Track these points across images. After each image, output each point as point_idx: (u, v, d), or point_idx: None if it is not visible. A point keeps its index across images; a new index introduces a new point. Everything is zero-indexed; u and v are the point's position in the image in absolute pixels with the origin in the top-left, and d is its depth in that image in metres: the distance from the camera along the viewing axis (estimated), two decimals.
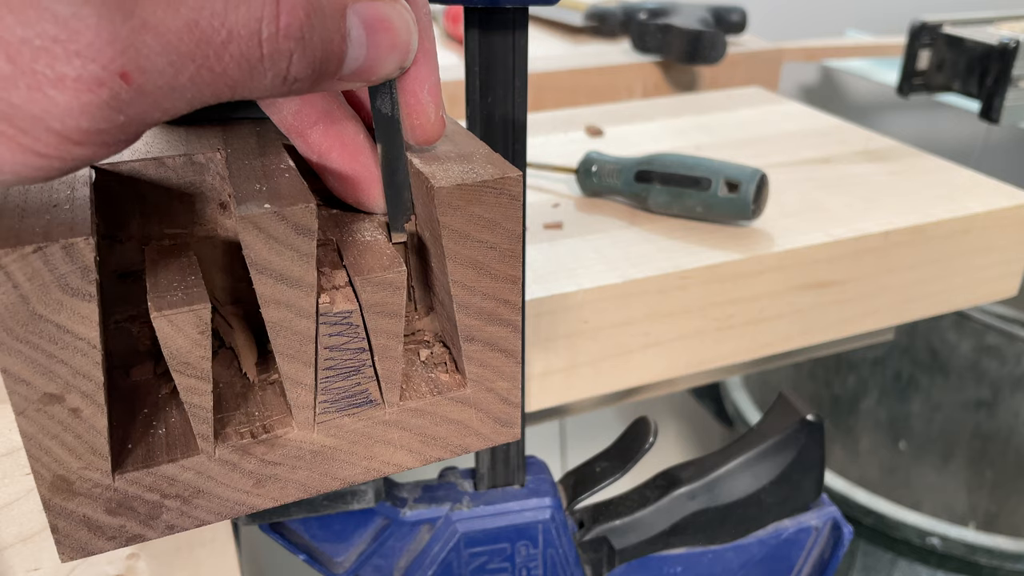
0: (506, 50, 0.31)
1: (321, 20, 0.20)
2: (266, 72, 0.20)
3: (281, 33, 0.19)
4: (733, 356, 0.53)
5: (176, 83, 0.18)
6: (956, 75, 0.78)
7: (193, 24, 0.18)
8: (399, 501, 0.41)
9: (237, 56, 0.19)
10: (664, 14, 0.91)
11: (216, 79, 0.19)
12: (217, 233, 0.30)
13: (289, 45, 0.20)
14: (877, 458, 1.40)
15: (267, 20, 0.19)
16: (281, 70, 0.20)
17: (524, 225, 0.27)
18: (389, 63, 0.23)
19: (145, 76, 0.18)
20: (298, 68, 0.20)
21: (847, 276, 0.54)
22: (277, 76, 0.20)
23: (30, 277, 0.21)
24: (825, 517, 0.46)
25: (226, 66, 0.19)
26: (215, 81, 0.19)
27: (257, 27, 0.19)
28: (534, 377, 0.47)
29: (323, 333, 0.25)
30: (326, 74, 0.21)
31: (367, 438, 0.27)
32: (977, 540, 0.89)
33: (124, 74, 0.17)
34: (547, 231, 0.54)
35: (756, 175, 0.51)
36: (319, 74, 0.21)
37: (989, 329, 1.24)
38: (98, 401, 0.23)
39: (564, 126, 0.73)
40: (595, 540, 0.43)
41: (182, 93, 0.19)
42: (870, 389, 1.38)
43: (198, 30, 0.18)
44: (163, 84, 0.18)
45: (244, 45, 0.19)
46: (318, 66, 0.21)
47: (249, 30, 0.19)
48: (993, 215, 0.57)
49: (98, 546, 0.25)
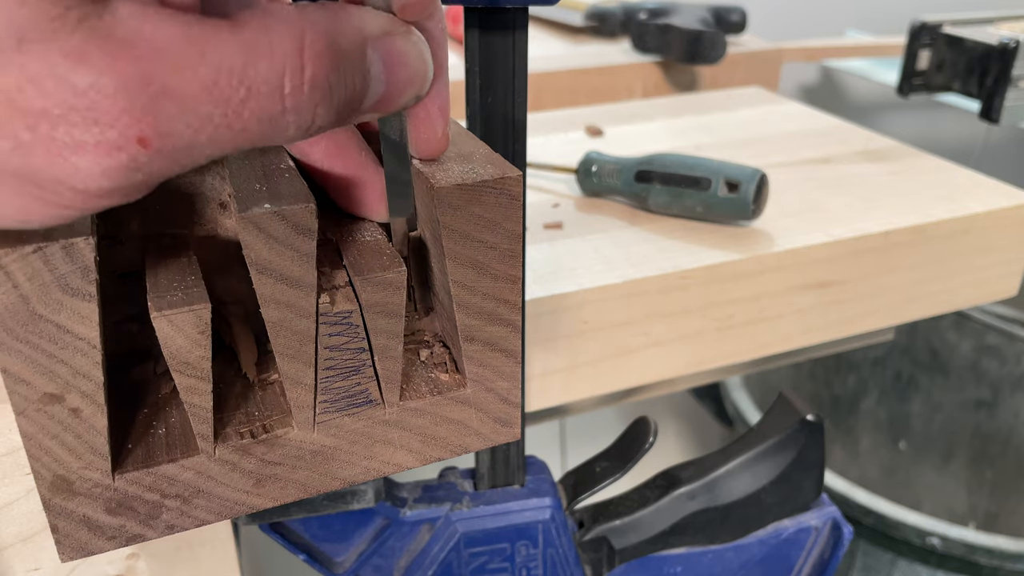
0: (506, 50, 0.31)
1: (345, 65, 0.20)
2: (288, 125, 0.19)
3: (307, 85, 0.19)
4: (733, 356, 0.53)
5: (195, 142, 0.18)
6: (956, 75, 0.78)
7: (212, 85, 0.18)
8: (399, 501, 0.41)
9: (258, 112, 0.19)
10: (664, 14, 0.91)
11: (236, 135, 0.19)
12: (217, 233, 0.30)
13: (315, 96, 0.19)
14: (877, 458, 1.40)
15: (290, 73, 0.19)
16: (306, 121, 0.20)
17: (524, 225, 0.27)
18: (407, 96, 0.23)
19: (164, 139, 0.18)
20: (324, 118, 0.20)
21: (847, 276, 0.54)
22: (300, 128, 0.20)
23: (30, 277, 0.21)
24: (825, 517, 0.46)
25: (246, 123, 0.19)
26: (234, 137, 0.19)
27: (279, 82, 0.19)
28: (534, 377, 0.47)
29: (323, 333, 0.25)
30: (348, 113, 0.21)
31: (367, 438, 0.27)
32: (977, 540, 0.89)
33: (142, 139, 0.18)
34: (547, 231, 0.54)
35: (756, 175, 0.51)
36: (340, 117, 0.21)
37: (989, 329, 1.24)
38: (98, 401, 0.23)
39: (564, 126, 0.73)
40: (595, 540, 0.43)
41: (201, 150, 0.19)
42: (870, 389, 1.38)
43: (216, 90, 0.18)
44: (182, 144, 0.18)
45: (265, 101, 0.19)
46: (341, 110, 0.21)
47: (270, 86, 0.19)
48: (993, 215, 0.57)
49: (98, 546, 0.25)
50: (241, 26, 0.19)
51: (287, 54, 0.19)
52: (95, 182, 0.18)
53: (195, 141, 0.18)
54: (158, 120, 0.18)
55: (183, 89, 0.18)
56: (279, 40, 0.19)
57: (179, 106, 0.18)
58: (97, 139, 0.17)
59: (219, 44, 0.18)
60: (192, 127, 0.18)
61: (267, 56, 0.19)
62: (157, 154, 0.18)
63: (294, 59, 0.19)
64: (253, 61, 0.18)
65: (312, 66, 0.19)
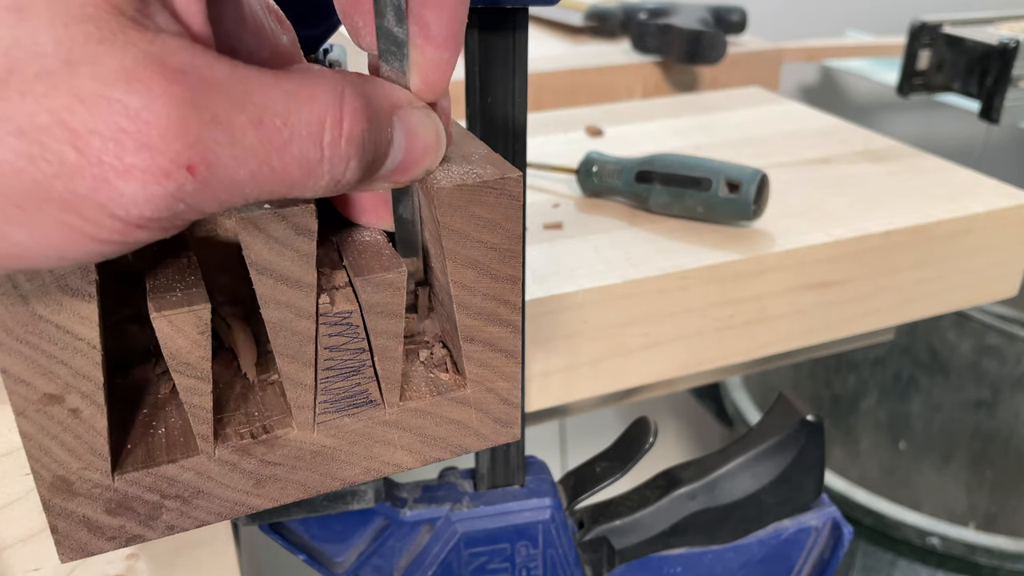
0: (506, 50, 0.31)
1: (377, 128, 0.21)
2: (324, 175, 0.20)
3: (344, 138, 0.20)
4: (733, 356, 0.53)
5: (238, 177, 0.18)
6: (956, 75, 0.78)
7: (257, 121, 0.18)
8: (399, 501, 0.41)
9: (298, 156, 0.19)
10: (664, 14, 0.91)
11: (275, 177, 0.19)
12: (217, 233, 0.30)
13: (351, 151, 0.20)
14: (877, 458, 1.40)
15: (330, 124, 0.19)
16: (338, 174, 0.20)
17: (524, 225, 0.27)
18: (421, 167, 0.24)
19: (210, 169, 0.18)
20: (353, 173, 0.21)
21: (847, 276, 0.54)
22: (333, 179, 0.20)
23: (30, 277, 0.21)
24: (825, 517, 0.46)
25: (287, 165, 0.19)
26: (274, 179, 0.19)
27: (319, 130, 0.19)
28: (534, 377, 0.47)
29: (323, 333, 0.25)
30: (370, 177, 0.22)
31: (367, 438, 0.27)
32: (977, 540, 0.89)
33: (191, 167, 0.18)
34: (547, 231, 0.54)
35: (757, 175, 0.51)
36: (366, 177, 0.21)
37: (989, 329, 1.24)
38: (98, 401, 0.23)
39: (564, 126, 0.73)
40: (595, 540, 0.43)
41: (241, 188, 0.19)
42: (870, 389, 1.38)
43: (262, 128, 0.18)
44: (225, 177, 0.18)
45: (305, 146, 0.19)
46: (368, 170, 0.21)
47: (311, 131, 0.19)
48: (993, 215, 0.57)
49: (98, 546, 0.25)
50: (284, 76, 0.19)
51: (328, 105, 0.19)
52: (138, 209, 0.17)
53: (238, 177, 0.18)
54: (207, 148, 0.18)
55: (232, 120, 0.18)
56: (321, 93, 0.19)
57: (228, 137, 0.18)
58: (147, 163, 0.17)
59: (265, 86, 0.19)
60: (238, 160, 0.18)
61: (309, 104, 0.19)
62: (203, 185, 0.18)
63: (335, 111, 0.20)
64: (296, 107, 0.19)
65: (350, 121, 0.20)
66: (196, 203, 0.18)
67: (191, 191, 0.18)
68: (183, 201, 0.18)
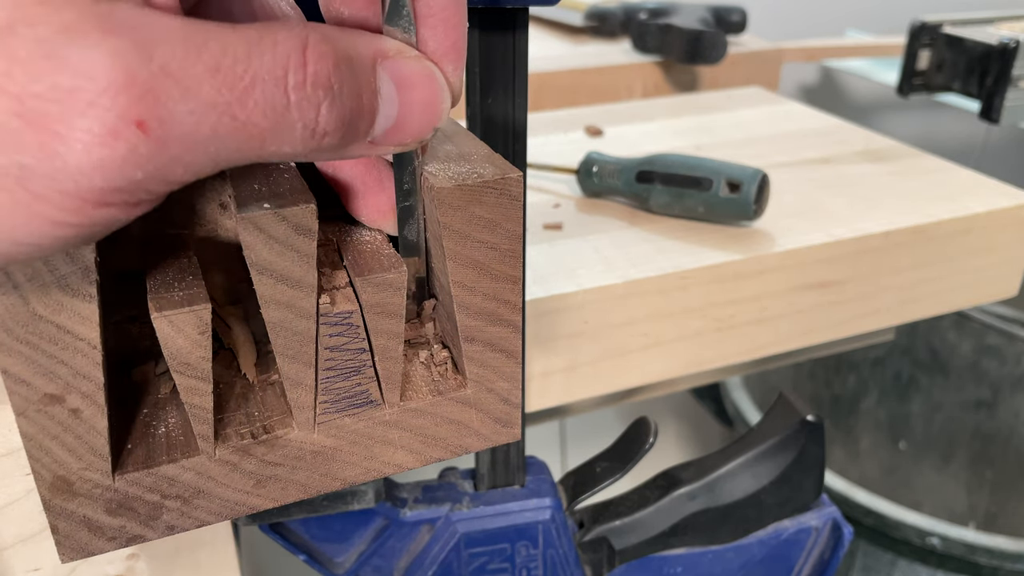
0: (506, 50, 0.31)
1: (351, 72, 0.20)
2: (295, 123, 0.19)
3: (309, 80, 0.19)
4: (733, 356, 0.53)
5: (198, 134, 0.17)
6: (956, 75, 0.78)
7: (215, 69, 0.17)
8: (399, 501, 0.41)
9: (262, 102, 0.18)
10: (664, 14, 0.91)
11: (240, 129, 0.18)
12: (217, 233, 0.30)
13: (318, 93, 0.19)
14: (877, 458, 1.40)
15: (293, 68, 0.18)
16: (310, 120, 0.19)
17: (524, 225, 0.27)
18: (422, 123, 0.22)
19: (164, 126, 0.17)
20: (327, 120, 0.19)
21: (848, 276, 0.54)
22: (307, 128, 0.19)
23: (30, 277, 0.21)
24: (825, 517, 0.46)
25: (250, 113, 0.18)
26: (239, 132, 0.18)
27: (283, 74, 0.18)
28: (534, 377, 0.47)
29: (323, 334, 0.25)
30: (358, 132, 0.20)
31: (367, 438, 0.27)
32: (977, 540, 0.89)
33: (141, 123, 0.16)
34: (547, 231, 0.54)
35: (757, 175, 0.51)
36: (350, 131, 0.20)
37: (989, 329, 1.24)
38: (98, 402, 0.23)
39: (564, 126, 0.73)
40: (595, 540, 0.43)
41: (205, 146, 0.18)
42: (870, 389, 1.38)
43: (220, 74, 0.17)
44: (184, 135, 0.17)
45: (269, 91, 0.18)
46: (349, 120, 0.20)
47: (275, 76, 0.18)
48: (993, 215, 0.57)
49: (98, 546, 0.25)
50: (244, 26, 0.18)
51: (291, 50, 0.18)
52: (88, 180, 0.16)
53: (199, 134, 0.17)
54: (159, 102, 0.16)
55: (186, 69, 0.17)
56: (284, 38, 0.18)
57: (181, 88, 0.17)
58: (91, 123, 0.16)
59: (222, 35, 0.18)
60: (196, 115, 0.17)
61: (271, 49, 0.18)
62: (159, 146, 0.17)
63: (297, 55, 0.18)
64: (257, 52, 0.18)
65: (315, 63, 0.19)
66: (156, 168, 0.17)
67: (146, 153, 0.17)
68: (139, 166, 0.17)
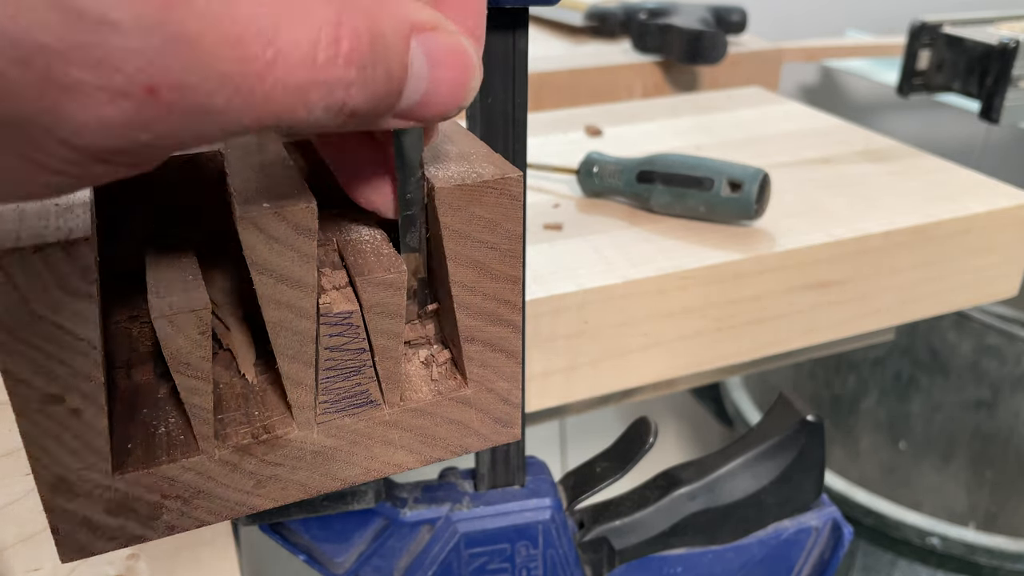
0: (506, 50, 0.31)
1: (384, 49, 0.18)
2: (317, 102, 0.18)
3: (342, 59, 0.17)
4: (733, 356, 0.53)
5: (211, 105, 0.16)
6: (956, 75, 0.78)
7: (236, 40, 0.16)
8: (399, 501, 0.41)
9: (284, 80, 0.17)
10: (664, 14, 0.91)
11: (256, 105, 0.17)
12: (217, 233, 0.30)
13: (349, 74, 0.18)
14: (877, 458, 1.40)
15: (324, 44, 0.17)
16: (336, 101, 0.18)
17: (524, 225, 0.27)
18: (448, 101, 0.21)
19: (175, 93, 0.16)
20: (357, 100, 0.18)
21: (848, 276, 0.54)
22: (331, 108, 0.18)
23: (30, 277, 0.21)
24: (825, 517, 0.46)
25: (269, 91, 0.17)
26: (255, 107, 0.17)
27: (312, 51, 0.17)
28: (534, 377, 0.47)
29: (324, 334, 0.25)
30: (383, 109, 0.19)
31: (367, 438, 0.27)
32: (977, 540, 0.89)
33: (151, 88, 0.15)
34: (547, 231, 0.54)
35: (759, 175, 0.51)
36: (376, 108, 0.19)
37: (989, 329, 1.24)
38: (98, 402, 0.23)
39: (564, 126, 0.73)
40: (595, 540, 0.43)
41: (216, 117, 0.16)
42: (870, 389, 1.38)
43: (241, 47, 0.16)
44: (195, 105, 0.16)
45: (293, 69, 0.17)
46: (376, 98, 0.19)
47: (302, 53, 0.17)
48: (993, 215, 0.57)
49: (98, 547, 0.25)
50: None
51: (324, 23, 0.17)
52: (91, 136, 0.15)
53: (210, 104, 0.16)
54: (171, 69, 0.15)
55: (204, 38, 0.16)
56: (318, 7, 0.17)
57: (197, 56, 0.16)
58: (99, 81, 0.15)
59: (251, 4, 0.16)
60: (209, 83, 0.16)
61: (302, 22, 0.17)
62: (167, 110, 0.16)
63: (330, 30, 0.17)
64: (287, 25, 0.16)
65: (349, 40, 0.17)
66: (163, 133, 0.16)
67: (154, 118, 0.16)
68: (146, 129, 0.16)
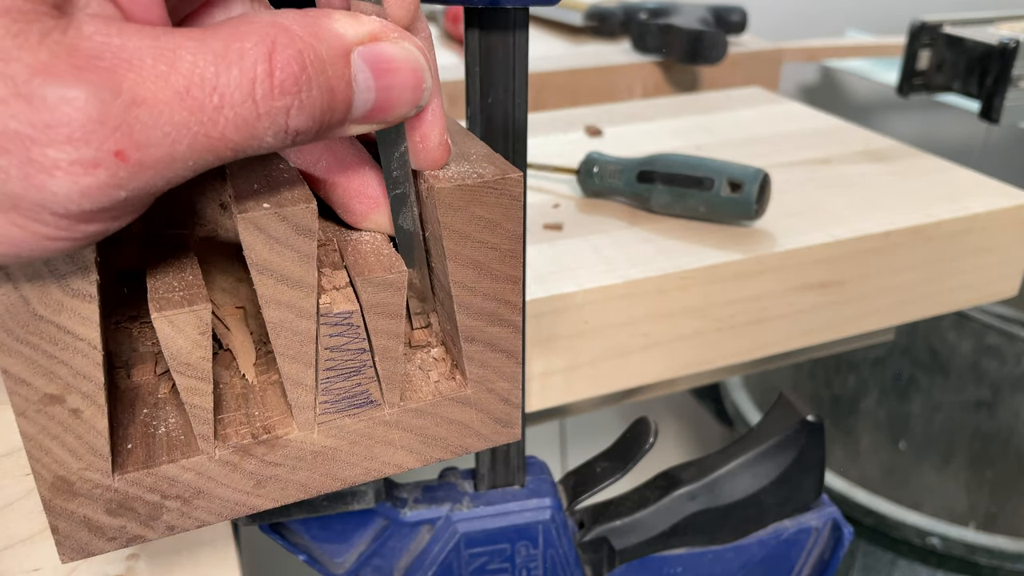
0: (506, 50, 0.31)
1: (320, 70, 0.20)
2: (265, 131, 0.19)
3: (276, 90, 0.19)
4: (733, 356, 0.53)
5: (175, 153, 0.18)
6: (956, 75, 0.78)
7: (184, 92, 0.18)
8: (399, 501, 0.41)
9: (233, 118, 0.18)
10: (664, 14, 0.91)
11: (215, 143, 0.19)
12: (217, 233, 0.30)
13: (285, 101, 0.19)
14: (877, 458, 1.40)
15: (260, 79, 0.19)
16: (280, 126, 0.19)
17: (524, 225, 0.27)
18: (402, 104, 0.22)
19: (142, 151, 0.17)
20: (298, 121, 0.20)
21: (848, 276, 0.54)
22: (278, 133, 0.19)
23: (30, 277, 0.21)
24: (825, 517, 0.46)
25: (223, 130, 0.18)
26: (214, 145, 0.19)
27: (251, 88, 0.19)
28: (534, 377, 0.47)
29: (324, 334, 0.25)
30: (332, 122, 0.21)
31: (368, 438, 0.27)
32: (977, 540, 0.89)
33: (119, 152, 0.17)
34: (547, 231, 0.54)
35: (759, 175, 0.51)
36: (324, 123, 0.20)
37: (989, 329, 1.24)
38: (98, 402, 0.23)
39: (564, 126, 0.73)
40: (595, 540, 0.43)
41: (183, 162, 0.18)
42: (870, 389, 1.38)
43: (190, 98, 0.18)
44: (162, 156, 0.18)
45: (239, 108, 0.18)
46: (320, 116, 0.20)
47: (243, 92, 0.18)
48: (993, 215, 0.57)
49: (98, 547, 0.25)
50: (212, 35, 0.18)
51: (257, 58, 0.19)
52: (76, 204, 0.17)
53: (174, 152, 0.18)
54: (133, 131, 0.17)
55: (156, 96, 0.17)
56: (250, 47, 0.19)
57: (153, 115, 0.17)
58: (72, 156, 0.17)
59: (189, 53, 0.18)
60: (170, 136, 0.18)
61: (237, 61, 0.18)
62: (138, 167, 0.18)
63: (263, 64, 0.19)
64: (224, 67, 0.18)
65: (282, 71, 0.19)
66: (138, 186, 0.18)
67: (127, 176, 0.18)
68: (122, 187, 0.18)
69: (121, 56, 0.17)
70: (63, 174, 0.17)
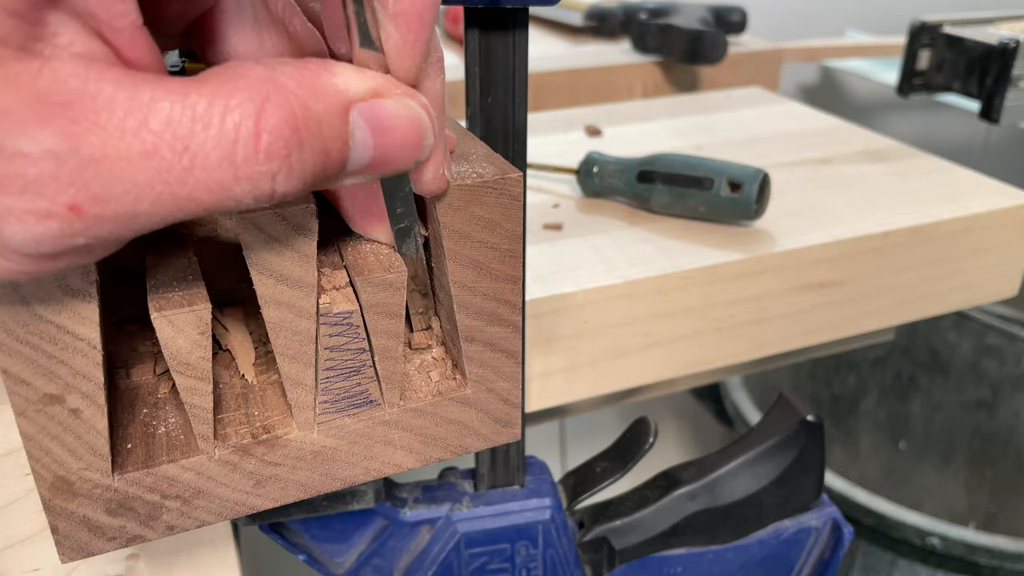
0: (506, 50, 0.31)
1: (314, 131, 0.19)
2: (245, 194, 0.18)
3: (262, 154, 0.18)
4: (733, 356, 0.53)
5: (137, 209, 0.17)
6: (956, 75, 0.78)
7: (152, 151, 0.17)
8: (399, 501, 0.41)
9: (205, 180, 0.17)
10: (664, 14, 0.91)
11: (182, 203, 0.18)
12: (217, 233, 0.30)
13: (271, 167, 0.18)
14: (877, 458, 1.39)
15: (243, 141, 0.17)
16: (264, 190, 0.18)
17: (524, 225, 0.27)
18: (400, 162, 0.21)
19: (100, 205, 0.17)
20: (286, 186, 0.19)
21: (848, 276, 0.54)
22: (260, 196, 0.18)
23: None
24: (825, 517, 0.46)
25: (191, 191, 0.17)
26: (182, 205, 0.18)
27: (230, 149, 0.17)
28: (534, 377, 0.47)
29: (323, 334, 0.25)
30: (325, 180, 0.20)
31: (367, 438, 0.27)
32: (977, 540, 0.89)
33: (73, 206, 0.17)
34: (547, 231, 0.54)
35: (759, 175, 0.51)
36: (315, 183, 0.19)
37: (989, 329, 1.24)
38: (98, 402, 0.23)
39: (564, 126, 0.73)
40: (595, 540, 0.43)
41: (147, 216, 0.18)
42: (870, 389, 1.38)
43: (157, 157, 0.17)
44: (123, 211, 0.17)
45: (212, 170, 0.17)
46: (312, 177, 0.19)
47: (220, 154, 0.17)
48: (993, 215, 0.57)
49: (98, 547, 0.25)
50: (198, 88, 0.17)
51: (243, 119, 0.17)
52: (33, 247, 0.17)
53: (136, 209, 0.17)
54: (89, 187, 0.17)
55: (119, 154, 0.17)
56: (237, 104, 0.17)
57: (113, 173, 0.17)
58: (26, 207, 0.16)
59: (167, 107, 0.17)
60: (131, 194, 0.17)
61: (219, 123, 0.17)
62: (95, 220, 0.17)
63: (250, 125, 0.17)
64: (203, 128, 0.17)
65: (270, 133, 0.18)
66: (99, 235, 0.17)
67: (83, 227, 0.17)
68: (79, 236, 0.17)
69: (91, 106, 0.17)
70: (17, 220, 0.17)
